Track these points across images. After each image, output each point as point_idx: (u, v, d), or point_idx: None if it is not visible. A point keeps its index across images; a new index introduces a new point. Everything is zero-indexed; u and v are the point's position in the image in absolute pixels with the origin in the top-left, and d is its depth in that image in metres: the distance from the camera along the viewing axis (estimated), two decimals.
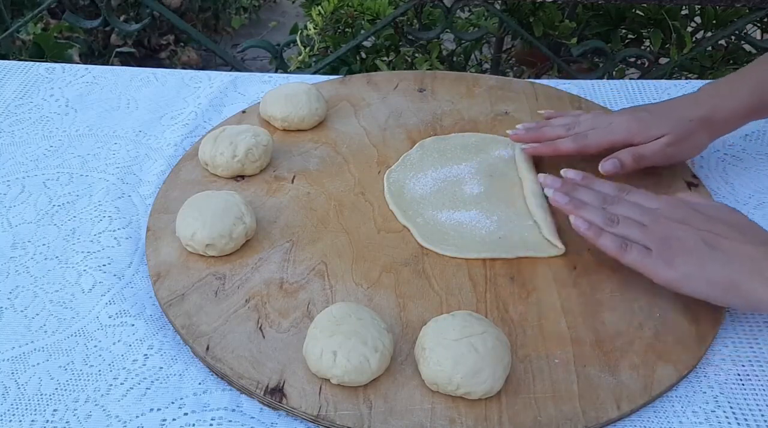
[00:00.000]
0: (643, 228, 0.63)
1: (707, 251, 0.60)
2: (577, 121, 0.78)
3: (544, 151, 0.77)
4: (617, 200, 0.66)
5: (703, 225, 0.62)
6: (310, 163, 0.81)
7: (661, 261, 0.61)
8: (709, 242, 0.60)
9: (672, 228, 0.62)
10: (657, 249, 0.61)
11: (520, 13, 1.39)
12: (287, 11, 2.78)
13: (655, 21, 1.36)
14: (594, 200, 0.67)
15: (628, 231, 0.63)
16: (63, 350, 0.61)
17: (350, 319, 0.58)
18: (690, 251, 0.60)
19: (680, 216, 0.63)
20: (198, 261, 0.68)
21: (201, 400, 0.58)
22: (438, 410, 0.56)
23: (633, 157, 0.74)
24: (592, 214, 0.65)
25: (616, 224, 0.64)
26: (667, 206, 0.65)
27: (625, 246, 0.63)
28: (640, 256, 0.62)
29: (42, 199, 0.77)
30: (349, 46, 1.28)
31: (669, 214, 0.64)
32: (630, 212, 0.65)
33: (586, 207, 0.66)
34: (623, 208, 0.65)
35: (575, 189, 0.68)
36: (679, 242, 0.61)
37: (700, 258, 0.60)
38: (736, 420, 0.56)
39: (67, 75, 0.97)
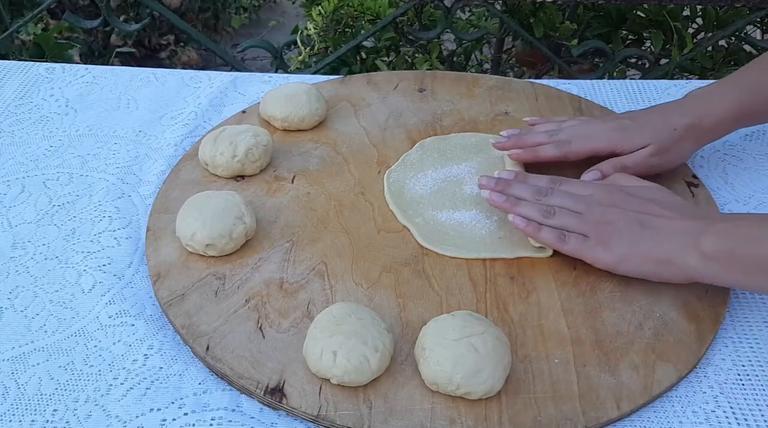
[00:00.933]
0: (579, 216, 0.65)
1: (640, 231, 0.63)
2: (561, 128, 0.77)
3: (525, 157, 0.77)
4: (551, 192, 0.68)
5: (635, 207, 0.64)
6: (310, 163, 0.81)
7: (599, 247, 0.64)
8: (641, 222, 0.63)
9: (606, 212, 0.64)
10: (593, 235, 0.64)
11: (520, 13, 1.39)
12: (287, 11, 2.78)
13: (655, 22, 1.36)
14: (529, 194, 0.68)
15: (565, 221, 0.65)
16: (63, 350, 0.61)
17: (350, 319, 0.58)
18: (624, 233, 0.63)
19: (613, 200, 0.66)
20: (198, 261, 0.68)
21: (201, 400, 0.58)
22: (438, 410, 0.56)
23: (615, 168, 0.74)
24: (528, 209, 0.67)
25: (552, 216, 0.66)
26: (600, 192, 0.67)
27: (563, 236, 0.65)
28: (578, 244, 0.65)
29: (42, 199, 0.77)
30: (349, 46, 1.28)
31: (602, 199, 0.66)
32: (565, 202, 0.67)
33: (522, 203, 0.68)
34: (558, 198, 0.67)
35: (509, 185, 0.70)
36: (612, 225, 0.64)
37: (633, 238, 0.63)
38: (736, 420, 0.56)
39: (67, 75, 0.97)
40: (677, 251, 0.61)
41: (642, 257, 0.62)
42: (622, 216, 0.64)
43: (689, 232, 0.61)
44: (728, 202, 0.77)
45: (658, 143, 0.74)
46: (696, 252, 0.60)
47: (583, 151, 0.75)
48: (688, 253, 0.60)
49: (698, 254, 0.60)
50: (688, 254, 0.60)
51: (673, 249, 0.61)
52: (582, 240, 0.65)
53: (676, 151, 0.75)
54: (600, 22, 1.43)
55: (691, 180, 0.78)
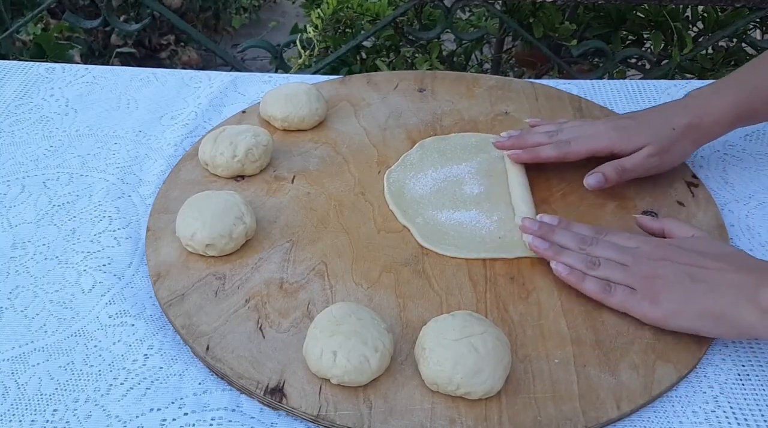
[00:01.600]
0: (625, 269, 0.63)
1: (691, 285, 0.59)
2: (561, 129, 0.77)
3: (525, 157, 0.77)
4: (595, 241, 0.66)
5: (685, 260, 0.61)
6: (310, 163, 0.81)
7: (647, 300, 0.61)
8: (693, 275, 0.60)
9: (654, 265, 0.62)
10: (641, 288, 0.61)
11: (520, 14, 1.39)
12: (287, 11, 2.78)
13: (656, 23, 1.36)
14: (572, 243, 0.66)
15: (610, 273, 0.63)
16: (63, 350, 0.61)
17: (350, 319, 0.58)
18: (674, 286, 0.60)
19: (661, 253, 0.63)
20: (198, 261, 0.68)
21: (201, 400, 0.58)
22: (438, 410, 0.56)
23: (616, 170, 0.74)
24: (572, 258, 0.65)
25: (597, 266, 0.63)
26: (647, 245, 0.64)
27: (608, 288, 0.62)
28: (625, 297, 0.62)
29: (42, 199, 0.77)
30: (349, 46, 1.29)
31: (649, 252, 0.63)
32: (610, 253, 0.64)
33: (565, 252, 0.65)
34: (602, 249, 0.65)
35: (553, 231, 0.67)
36: (662, 279, 0.61)
37: (685, 292, 0.59)
38: (736, 420, 0.56)
39: (67, 75, 0.97)
40: (732, 305, 0.58)
41: (694, 312, 0.59)
42: (672, 268, 0.61)
43: (745, 285, 0.58)
44: (728, 202, 0.77)
45: (657, 143, 0.74)
46: (753, 306, 0.57)
47: (582, 151, 0.75)
48: (745, 308, 0.57)
49: (756, 308, 0.57)
50: (745, 309, 0.57)
51: (728, 303, 0.58)
52: (629, 293, 0.62)
53: (675, 151, 0.75)
54: (600, 22, 1.43)
55: (691, 180, 0.78)
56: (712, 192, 0.78)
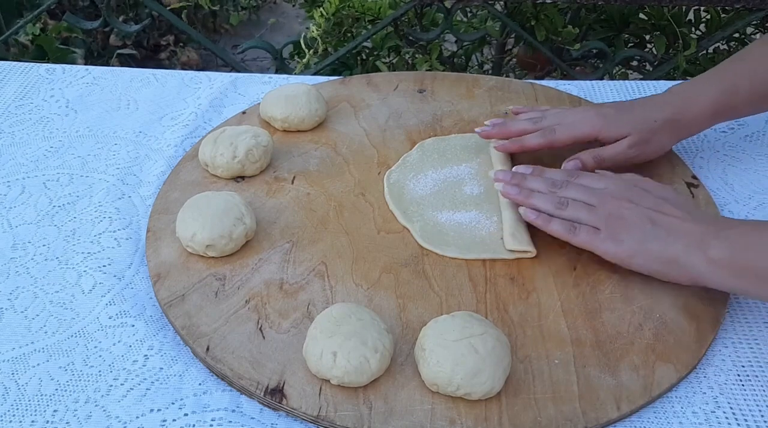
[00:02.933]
0: (591, 209, 0.66)
1: (651, 228, 0.63)
2: (544, 116, 0.78)
3: (512, 147, 0.78)
4: (566, 184, 0.68)
5: (648, 204, 0.65)
6: (310, 164, 0.81)
7: (609, 239, 0.64)
8: (653, 219, 0.63)
9: (618, 206, 0.65)
10: (604, 227, 0.64)
11: (521, 16, 1.39)
12: (287, 11, 2.78)
13: (658, 26, 1.36)
14: (543, 186, 0.69)
15: (577, 214, 0.66)
16: (63, 351, 0.61)
17: (350, 320, 0.58)
18: (635, 228, 0.63)
19: (627, 194, 0.66)
20: (198, 262, 0.68)
21: (201, 401, 0.58)
22: (438, 410, 0.56)
23: (594, 158, 0.75)
24: (541, 200, 0.68)
25: (565, 207, 0.66)
26: (614, 185, 0.67)
27: (573, 228, 0.66)
28: (588, 236, 0.65)
29: (42, 199, 0.77)
30: (349, 47, 1.29)
31: (616, 192, 0.66)
32: (578, 194, 0.67)
33: (535, 195, 0.68)
34: (572, 190, 0.68)
35: (525, 178, 0.70)
36: (624, 220, 0.64)
37: (644, 235, 0.63)
38: (736, 420, 0.56)
39: (68, 76, 0.97)
40: (684, 253, 0.61)
41: (651, 255, 0.63)
42: (635, 211, 0.64)
43: (698, 235, 0.61)
44: (728, 202, 0.77)
45: (637, 134, 0.75)
46: (703, 256, 0.60)
47: (567, 137, 0.76)
48: (695, 256, 0.60)
49: (705, 258, 0.60)
50: (695, 257, 0.60)
51: (680, 250, 0.61)
52: (593, 233, 0.65)
53: (655, 143, 0.76)
54: (602, 25, 1.43)
55: (690, 180, 0.78)
56: (712, 192, 0.78)
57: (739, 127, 0.88)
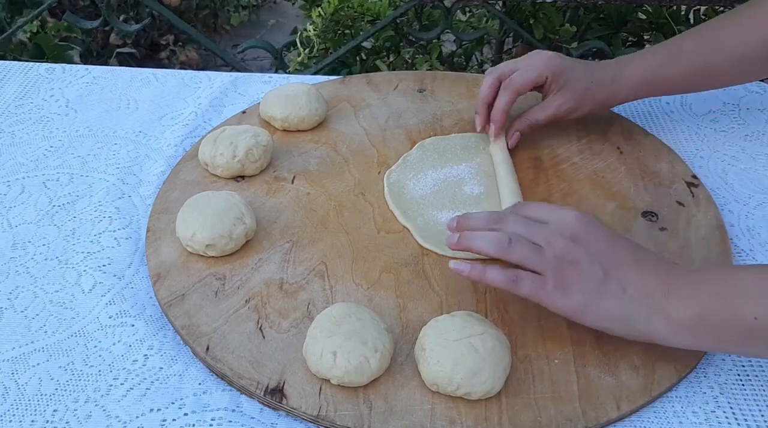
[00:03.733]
0: (538, 251, 0.58)
1: (603, 280, 0.56)
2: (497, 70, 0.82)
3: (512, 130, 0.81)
4: (505, 217, 0.61)
5: (599, 246, 0.58)
6: (310, 164, 0.81)
7: (556, 291, 0.57)
8: (605, 269, 0.56)
9: (567, 250, 0.57)
10: (550, 276, 0.57)
11: (520, 15, 1.39)
12: (287, 11, 2.78)
13: (656, 25, 1.36)
14: (481, 223, 0.61)
15: (521, 255, 0.58)
16: (63, 350, 0.61)
17: (350, 320, 0.58)
18: (586, 278, 0.56)
19: (574, 232, 0.58)
20: (198, 262, 0.68)
21: (201, 400, 0.58)
22: (438, 410, 0.56)
23: (529, 125, 0.81)
24: (481, 241, 0.59)
25: (508, 245, 0.58)
26: (559, 221, 0.59)
27: (515, 278, 0.57)
28: (534, 287, 0.57)
29: (42, 199, 0.77)
30: (348, 46, 1.29)
31: (562, 229, 0.58)
32: (520, 229, 0.59)
33: (474, 235, 0.60)
34: (512, 223, 0.60)
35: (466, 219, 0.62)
36: (573, 267, 0.57)
37: (596, 287, 0.56)
38: (736, 420, 0.56)
39: (67, 75, 0.97)
40: (640, 314, 0.55)
41: (603, 312, 0.56)
42: (585, 256, 0.57)
43: (657, 293, 0.55)
44: (728, 202, 0.77)
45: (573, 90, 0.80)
46: (663, 317, 0.55)
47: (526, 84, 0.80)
48: (654, 318, 0.55)
49: (665, 320, 0.55)
50: (654, 319, 0.55)
51: (635, 310, 0.55)
52: (539, 282, 0.57)
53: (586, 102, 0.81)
54: (601, 24, 1.43)
55: (691, 180, 0.78)
56: (711, 192, 0.78)
57: (739, 126, 0.89)
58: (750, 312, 0.51)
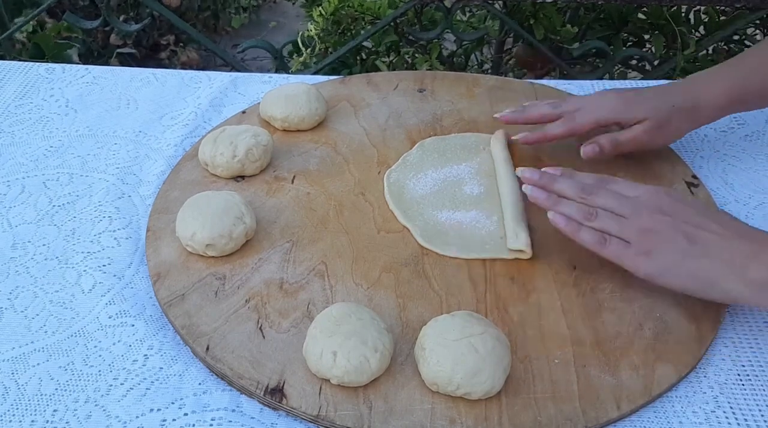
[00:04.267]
0: (622, 221, 0.62)
1: (687, 245, 0.59)
2: (562, 102, 0.79)
3: (534, 138, 0.78)
4: (596, 190, 0.65)
5: (683, 217, 0.61)
6: (310, 164, 0.81)
7: (640, 255, 0.61)
8: (689, 235, 0.60)
9: (651, 219, 0.61)
10: (636, 241, 0.61)
11: (520, 15, 1.39)
12: (287, 12, 2.78)
13: (657, 25, 1.36)
14: (572, 191, 0.65)
15: (607, 225, 0.62)
16: (63, 350, 0.61)
17: (350, 319, 0.58)
18: (669, 244, 0.60)
19: (660, 205, 0.62)
20: (198, 262, 0.68)
21: (201, 400, 0.58)
22: (438, 410, 0.56)
23: (611, 142, 0.75)
24: (570, 208, 0.64)
25: (594, 217, 0.63)
26: (648, 195, 0.64)
27: (603, 240, 0.62)
28: (619, 250, 0.62)
29: (42, 199, 0.77)
30: (349, 46, 1.29)
31: (649, 203, 0.63)
32: (609, 203, 0.64)
33: (564, 201, 0.65)
34: (602, 198, 0.64)
35: (554, 181, 0.67)
36: (658, 234, 0.61)
37: (679, 251, 0.59)
38: (736, 420, 0.56)
39: (67, 75, 0.97)
40: (723, 274, 0.58)
41: (684, 273, 0.59)
42: (669, 224, 0.60)
43: (738, 255, 0.58)
44: (728, 202, 0.77)
45: (655, 118, 0.75)
46: (743, 278, 0.57)
47: (588, 122, 0.76)
48: (734, 278, 0.57)
49: (745, 280, 0.57)
50: (734, 279, 0.57)
51: (718, 271, 0.58)
52: (623, 246, 0.61)
53: (671, 128, 0.76)
54: (601, 24, 1.43)
55: (691, 180, 0.78)
56: (712, 192, 0.78)
57: (739, 126, 0.89)
58: None
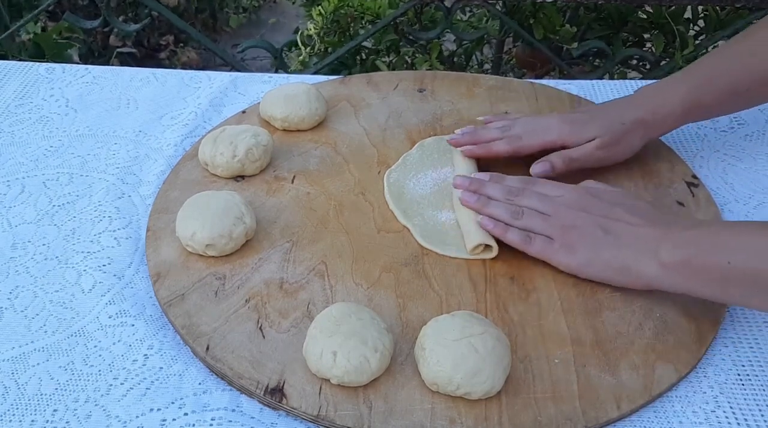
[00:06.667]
0: (546, 219, 0.66)
1: (602, 236, 0.64)
2: (513, 124, 0.79)
3: (479, 152, 0.78)
4: (522, 191, 0.69)
5: (601, 211, 0.65)
6: (310, 163, 0.81)
7: (563, 250, 0.65)
8: (604, 227, 0.64)
9: (572, 216, 0.66)
10: (558, 238, 0.65)
11: (520, 14, 1.39)
12: (287, 11, 2.78)
13: (657, 25, 1.36)
14: (500, 194, 0.69)
15: (532, 223, 0.67)
16: (63, 350, 0.61)
17: (350, 319, 0.58)
18: (588, 237, 0.64)
19: (581, 203, 0.67)
20: (198, 262, 0.68)
21: (201, 400, 0.58)
22: (438, 410, 0.56)
23: (563, 159, 0.75)
24: (498, 209, 0.68)
25: (520, 216, 0.67)
26: (569, 194, 0.68)
27: (529, 238, 0.67)
28: (543, 247, 0.66)
29: (42, 199, 0.77)
30: (349, 46, 1.28)
31: (570, 201, 0.67)
32: (534, 203, 0.68)
33: (492, 203, 0.69)
34: (528, 198, 0.68)
35: (483, 185, 0.71)
36: (578, 229, 0.65)
37: (596, 243, 0.64)
38: (736, 420, 0.56)
39: (67, 75, 0.97)
40: (635, 259, 0.62)
41: (603, 263, 0.63)
42: (587, 219, 0.65)
43: (648, 240, 0.61)
44: (728, 202, 0.77)
45: (605, 136, 0.75)
46: (654, 261, 0.60)
47: (534, 144, 0.77)
48: (646, 262, 0.61)
49: (656, 263, 0.60)
50: (646, 263, 0.61)
51: (631, 257, 0.62)
52: (548, 243, 0.66)
53: (623, 144, 0.76)
54: (601, 24, 1.43)
55: (691, 180, 0.78)
56: (712, 192, 0.78)
57: (739, 126, 0.89)
58: (725, 258, 0.56)
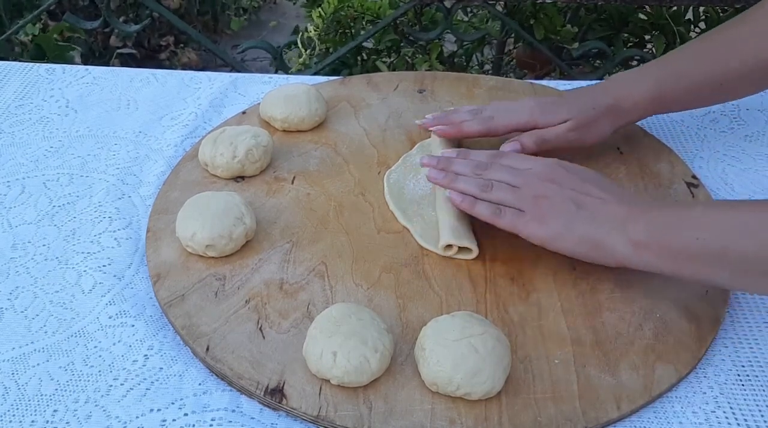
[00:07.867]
0: (516, 191, 0.65)
1: (575, 210, 0.63)
2: (485, 108, 0.80)
3: (451, 132, 0.79)
4: (490, 165, 0.68)
5: (572, 185, 0.65)
6: (310, 164, 0.81)
7: (534, 222, 0.64)
8: (577, 201, 0.63)
9: (543, 187, 0.65)
10: (529, 209, 0.64)
11: (521, 15, 1.39)
12: (287, 12, 2.78)
13: (657, 26, 1.36)
14: (467, 169, 0.69)
15: (502, 195, 0.66)
16: (63, 351, 0.61)
17: (350, 320, 0.58)
18: (559, 210, 0.63)
19: (551, 175, 0.66)
20: (198, 262, 0.68)
21: (201, 401, 0.58)
22: (438, 410, 0.56)
23: (534, 139, 0.76)
24: (466, 184, 0.68)
25: (489, 189, 0.66)
26: (539, 166, 0.67)
27: (498, 211, 0.65)
28: (514, 219, 0.65)
29: (42, 199, 0.77)
30: (349, 46, 1.29)
31: (540, 173, 0.66)
32: (503, 175, 0.67)
33: (460, 178, 0.68)
34: (496, 172, 0.67)
35: (451, 162, 0.70)
36: (549, 201, 0.64)
37: (568, 216, 0.63)
38: (736, 420, 0.56)
39: (68, 76, 0.97)
40: (607, 236, 0.61)
41: (574, 238, 0.62)
42: (559, 192, 0.64)
43: (621, 218, 0.61)
44: None
45: (576, 119, 0.76)
46: (625, 238, 0.60)
47: (506, 124, 0.77)
48: (618, 239, 0.60)
49: (627, 241, 0.60)
50: (618, 240, 0.60)
51: (603, 233, 0.61)
52: (517, 215, 0.65)
53: (594, 128, 0.77)
54: (602, 25, 1.43)
55: (691, 180, 0.78)
56: (711, 192, 0.78)
57: (739, 126, 0.89)
58: (694, 235, 0.57)
